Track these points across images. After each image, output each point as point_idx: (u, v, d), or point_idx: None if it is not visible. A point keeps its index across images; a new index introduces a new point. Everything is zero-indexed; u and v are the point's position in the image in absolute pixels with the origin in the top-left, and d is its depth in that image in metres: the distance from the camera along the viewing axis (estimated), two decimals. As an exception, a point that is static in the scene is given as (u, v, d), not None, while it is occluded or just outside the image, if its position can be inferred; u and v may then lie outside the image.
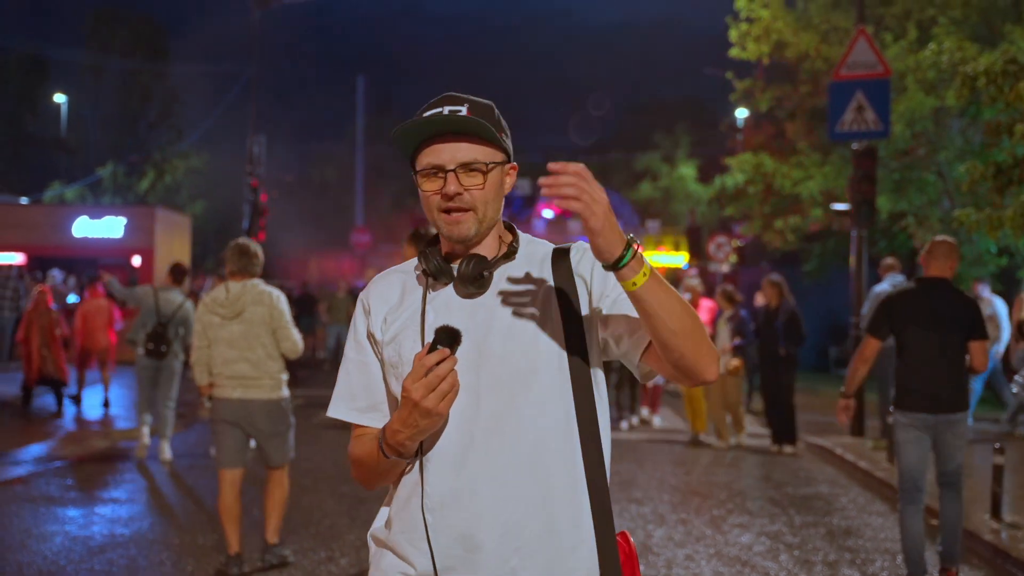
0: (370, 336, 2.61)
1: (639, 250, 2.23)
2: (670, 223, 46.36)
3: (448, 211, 2.48)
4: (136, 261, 26.20)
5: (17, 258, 26.10)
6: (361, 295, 2.68)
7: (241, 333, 7.16)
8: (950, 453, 6.85)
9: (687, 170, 48.32)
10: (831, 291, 25.30)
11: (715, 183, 26.25)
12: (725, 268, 27.81)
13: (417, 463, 2.44)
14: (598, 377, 2.51)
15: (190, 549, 8.00)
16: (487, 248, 2.57)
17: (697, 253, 32.58)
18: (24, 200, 31.09)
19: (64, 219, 27.17)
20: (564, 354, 2.46)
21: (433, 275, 2.52)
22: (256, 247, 7.43)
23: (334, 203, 50.27)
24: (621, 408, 16.15)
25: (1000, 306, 15.70)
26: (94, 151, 36.09)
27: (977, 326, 6.82)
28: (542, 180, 2.18)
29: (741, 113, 31.37)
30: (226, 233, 37.73)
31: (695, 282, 15.01)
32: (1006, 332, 15.36)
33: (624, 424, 15.91)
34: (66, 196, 35.24)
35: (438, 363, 2.24)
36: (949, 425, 6.79)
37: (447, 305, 2.50)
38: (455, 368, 2.26)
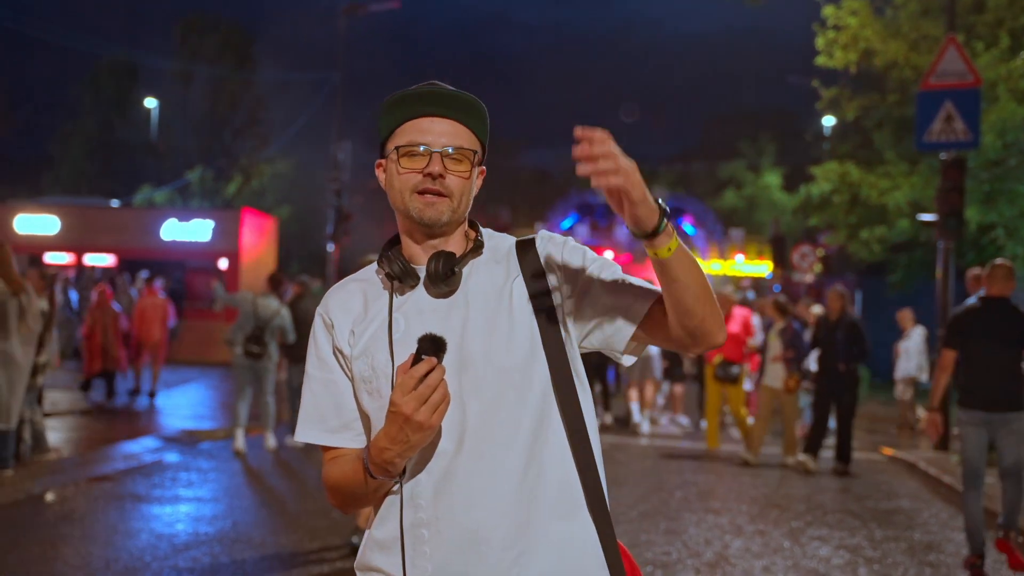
0: (337, 351, 2.44)
1: (669, 216, 2.17)
2: (754, 232, 45.96)
3: (424, 191, 2.34)
4: (223, 264, 26.66)
5: (108, 260, 26.73)
6: (319, 309, 2.50)
7: None
8: (1008, 449, 7.80)
9: (772, 179, 47.99)
10: (917, 303, 24.86)
11: (800, 192, 26.04)
12: (809, 278, 27.56)
13: (402, 480, 2.31)
14: (578, 368, 2.41)
15: (272, 548, 8.16)
16: (454, 246, 2.44)
17: (781, 262, 32.25)
18: (115, 203, 31.78)
19: (153, 222, 27.77)
20: (541, 348, 2.36)
21: (398, 277, 2.38)
22: None
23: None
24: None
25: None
26: (183, 156, 36.79)
27: None
28: (576, 151, 2.06)
29: (828, 121, 31.08)
30: (310, 238, 38.19)
31: (728, 289, 14.66)
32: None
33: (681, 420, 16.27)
34: (155, 199, 35.98)
35: (426, 374, 2.13)
36: (1004, 423, 7.77)
37: (418, 308, 2.38)
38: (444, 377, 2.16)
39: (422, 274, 2.40)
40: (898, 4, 20.22)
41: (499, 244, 2.51)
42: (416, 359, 2.15)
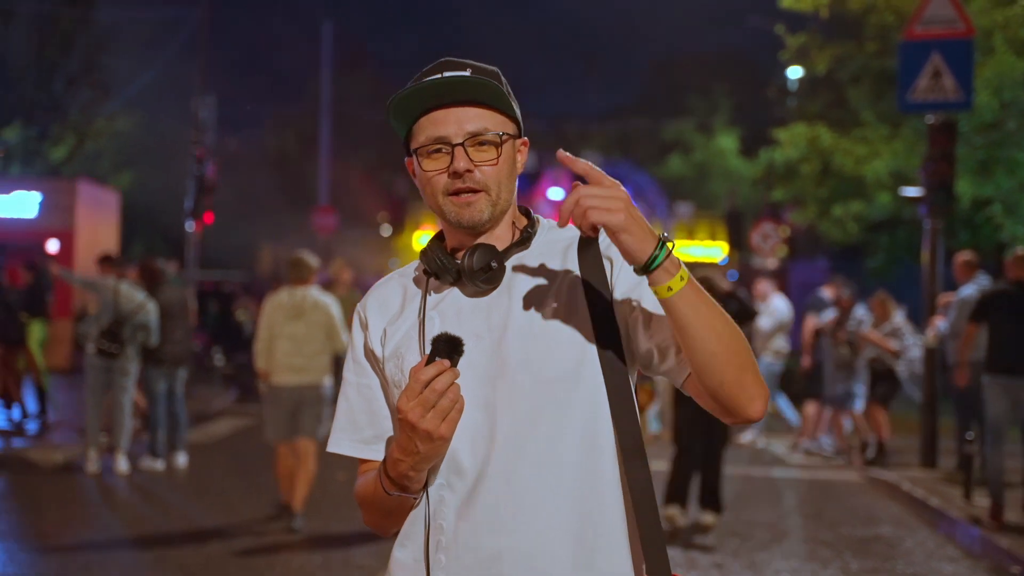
0: (369, 353, 2.66)
1: (672, 248, 2.30)
2: (705, 206, 46.22)
3: (457, 192, 2.51)
4: (52, 246, 26.12)
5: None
6: (358, 306, 2.73)
7: (302, 332, 10.26)
8: None
9: (727, 142, 48.33)
10: (900, 292, 25.48)
11: (761, 159, 26.43)
12: (772, 263, 27.86)
13: (424, 495, 2.51)
14: (633, 383, 2.55)
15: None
16: (500, 237, 2.60)
17: (738, 244, 32.81)
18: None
19: (-37, 194, 27.10)
20: (596, 358, 2.48)
21: (434, 273, 2.57)
22: (312, 260, 10.55)
23: (293, 177, 50.27)
24: None
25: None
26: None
27: None
28: (568, 201, 2.27)
29: (794, 73, 31.41)
30: (160, 212, 37.77)
31: None
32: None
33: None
34: (-41, 165, 35.13)
35: (435, 377, 2.31)
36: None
37: (456, 307, 2.55)
38: (457, 382, 2.33)
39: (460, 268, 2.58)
40: (877, -64, 20.63)
41: (557, 236, 2.66)
42: (429, 361, 2.35)
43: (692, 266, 2.54)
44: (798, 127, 22.03)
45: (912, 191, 16.25)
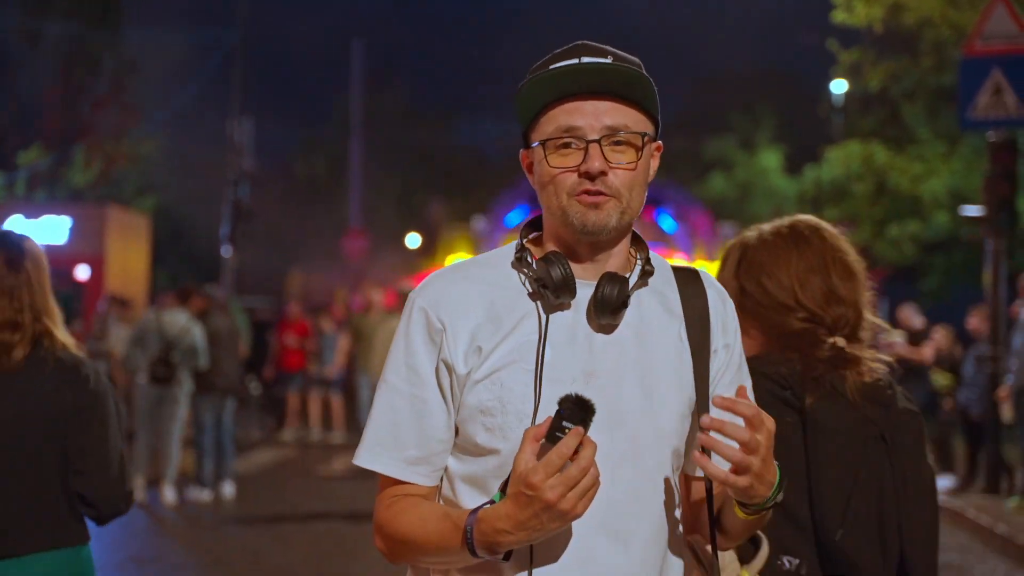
0: (443, 365, 2.33)
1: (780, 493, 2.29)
2: (749, 226, 45.82)
3: (583, 193, 2.30)
4: (83, 273, 26.15)
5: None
6: (422, 303, 2.38)
7: None
8: None
9: (769, 160, 48.20)
10: (957, 315, 25.49)
11: (806, 177, 26.41)
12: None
13: (531, 560, 2.26)
14: None
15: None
16: (618, 261, 2.42)
17: (785, 266, 32.59)
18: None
19: (-12, 220, 27.09)
20: (690, 416, 2.41)
21: (554, 289, 2.31)
22: None
23: (322, 201, 50.33)
24: None
25: None
26: (20, 134, 35.92)
27: None
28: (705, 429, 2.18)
29: (838, 88, 31.42)
30: (185, 237, 37.97)
31: None
32: None
33: None
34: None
35: (576, 449, 2.08)
36: None
37: (570, 336, 2.34)
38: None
39: (578, 292, 2.36)
40: (933, -51, 20.75)
41: (665, 276, 2.52)
42: (555, 426, 2.10)
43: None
44: (852, 145, 22.11)
45: (972, 210, 16.32)
